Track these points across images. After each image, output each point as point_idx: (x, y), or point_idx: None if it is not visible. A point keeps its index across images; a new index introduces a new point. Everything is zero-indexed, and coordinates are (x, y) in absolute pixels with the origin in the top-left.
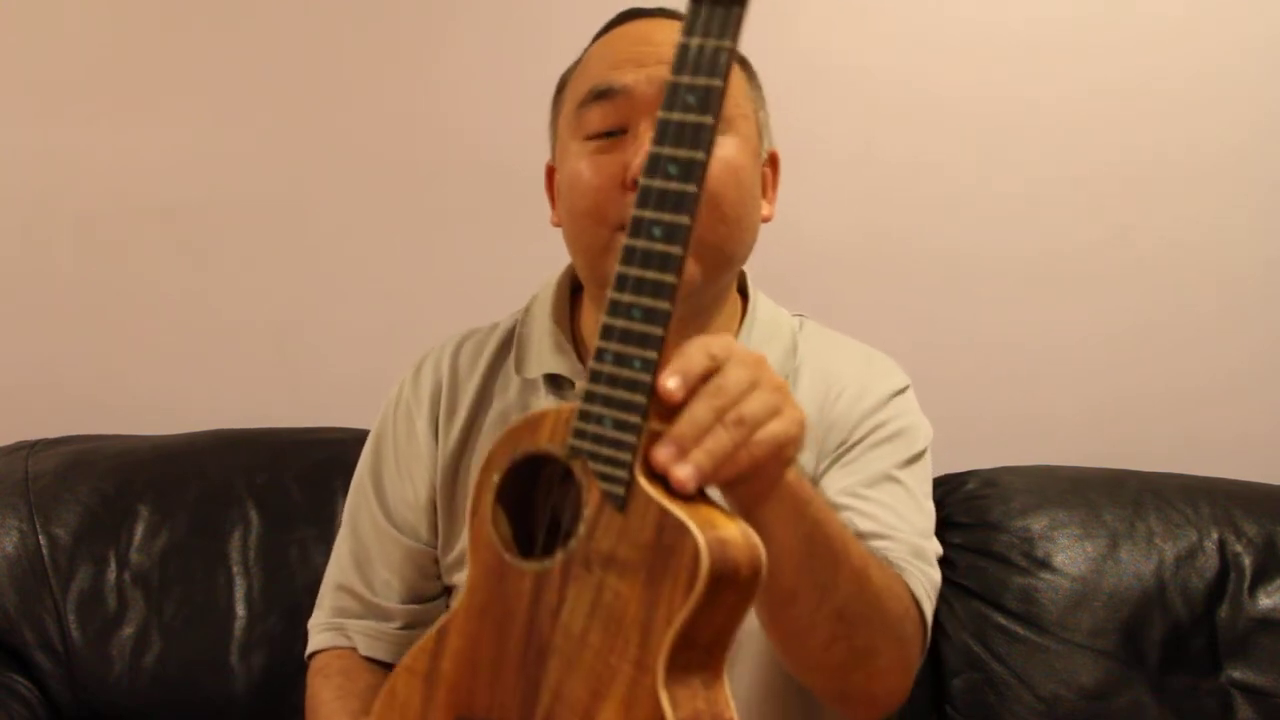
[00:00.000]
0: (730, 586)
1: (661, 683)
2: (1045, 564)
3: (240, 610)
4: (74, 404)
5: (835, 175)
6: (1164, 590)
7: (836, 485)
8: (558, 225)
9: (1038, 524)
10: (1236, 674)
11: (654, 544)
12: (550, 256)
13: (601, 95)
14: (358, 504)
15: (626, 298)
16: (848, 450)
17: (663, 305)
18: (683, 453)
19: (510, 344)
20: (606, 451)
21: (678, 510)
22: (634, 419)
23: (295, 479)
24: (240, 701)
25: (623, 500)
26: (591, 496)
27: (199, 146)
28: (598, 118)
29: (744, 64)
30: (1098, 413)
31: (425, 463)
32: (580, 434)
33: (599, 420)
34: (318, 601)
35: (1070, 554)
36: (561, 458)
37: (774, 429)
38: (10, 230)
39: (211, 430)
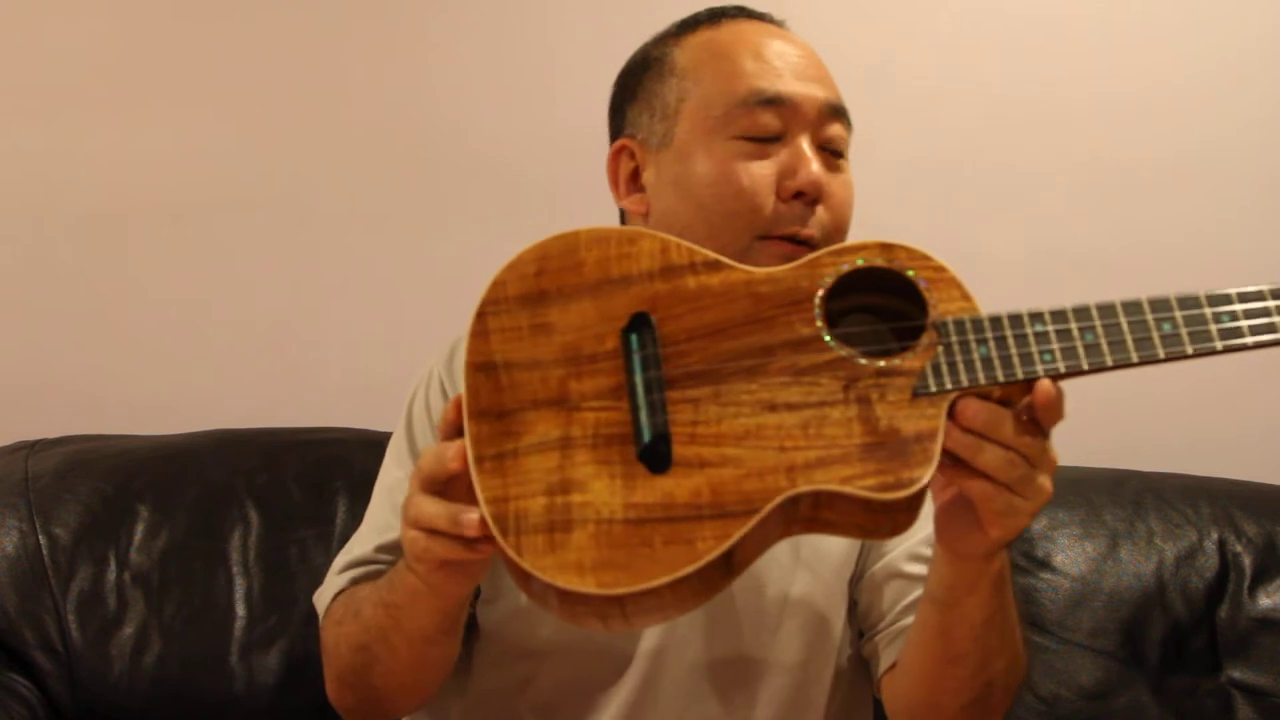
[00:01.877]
0: (882, 513)
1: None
2: (1045, 564)
3: (240, 610)
4: (74, 404)
5: None
6: (1164, 590)
7: (901, 550)
8: (638, 211)
9: (1038, 524)
10: (1236, 674)
11: (903, 436)
12: None
13: (770, 102)
14: (392, 483)
15: (1095, 323)
16: None
17: (1098, 362)
18: (985, 440)
19: None
20: (965, 359)
21: (937, 446)
22: (1009, 373)
23: (295, 479)
24: (240, 701)
25: (928, 392)
26: (912, 362)
27: (199, 146)
28: (762, 123)
29: None
30: (1098, 413)
31: None
32: (961, 328)
33: (982, 343)
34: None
35: (1070, 554)
36: (925, 319)
37: (1038, 503)
38: (10, 230)
39: (211, 430)
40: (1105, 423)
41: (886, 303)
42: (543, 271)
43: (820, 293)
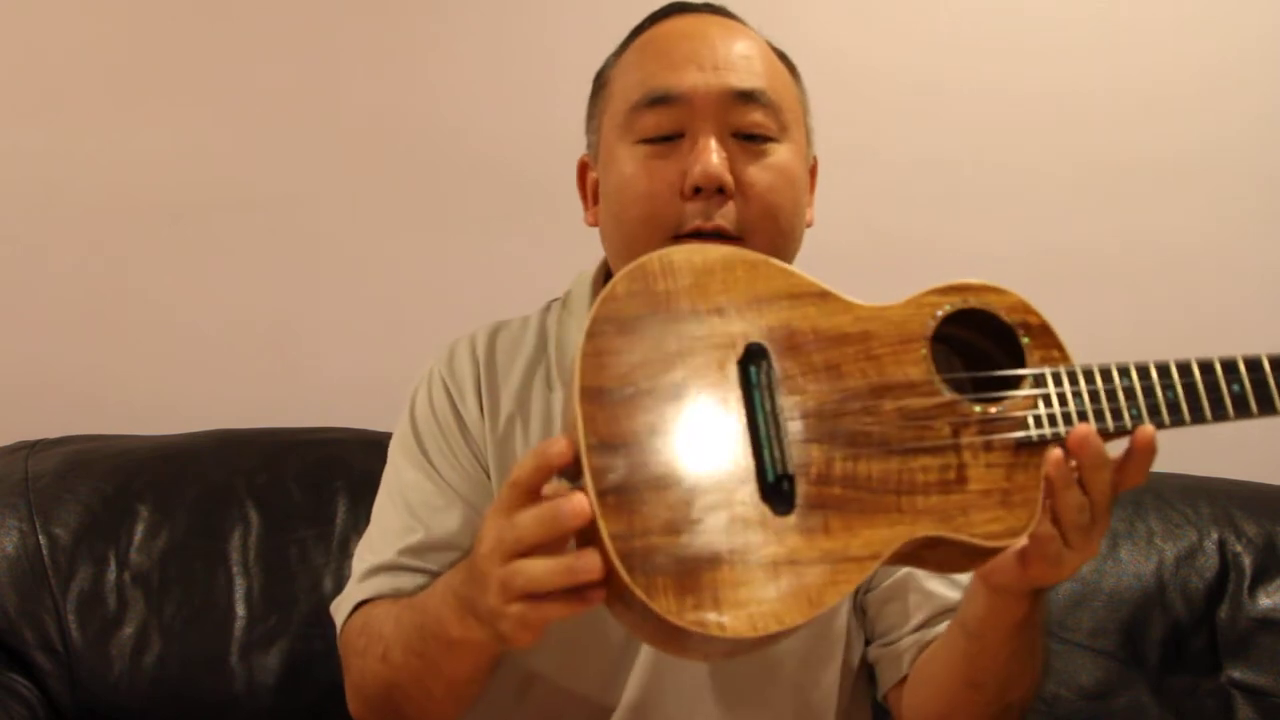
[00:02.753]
0: (979, 557)
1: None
2: None
3: (240, 610)
4: (74, 404)
5: (835, 174)
6: (1164, 590)
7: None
8: (594, 225)
9: None
10: (1236, 674)
11: (1009, 484)
12: (550, 257)
13: (658, 100)
14: (405, 483)
15: (1175, 382)
16: None
17: (1179, 419)
18: (1074, 481)
19: (545, 344)
20: (1063, 410)
21: (1039, 495)
22: (1102, 425)
23: (295, 479)
24: (240, 701)
25: (1030, 442)
26: (1013, 409)
27: (199, 146)
28: (654, 123)
29: (791, 68)
30: None
31: (475, 435)
32: (1058, 380)
33: (1077, 395)
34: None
35: None
36: (1021, 364)
37: (1083, 559)
38: (10, 230)
39: (211, 430)
40: None
41: (974, 339)
42: (653, 292)
43: (928, 335)
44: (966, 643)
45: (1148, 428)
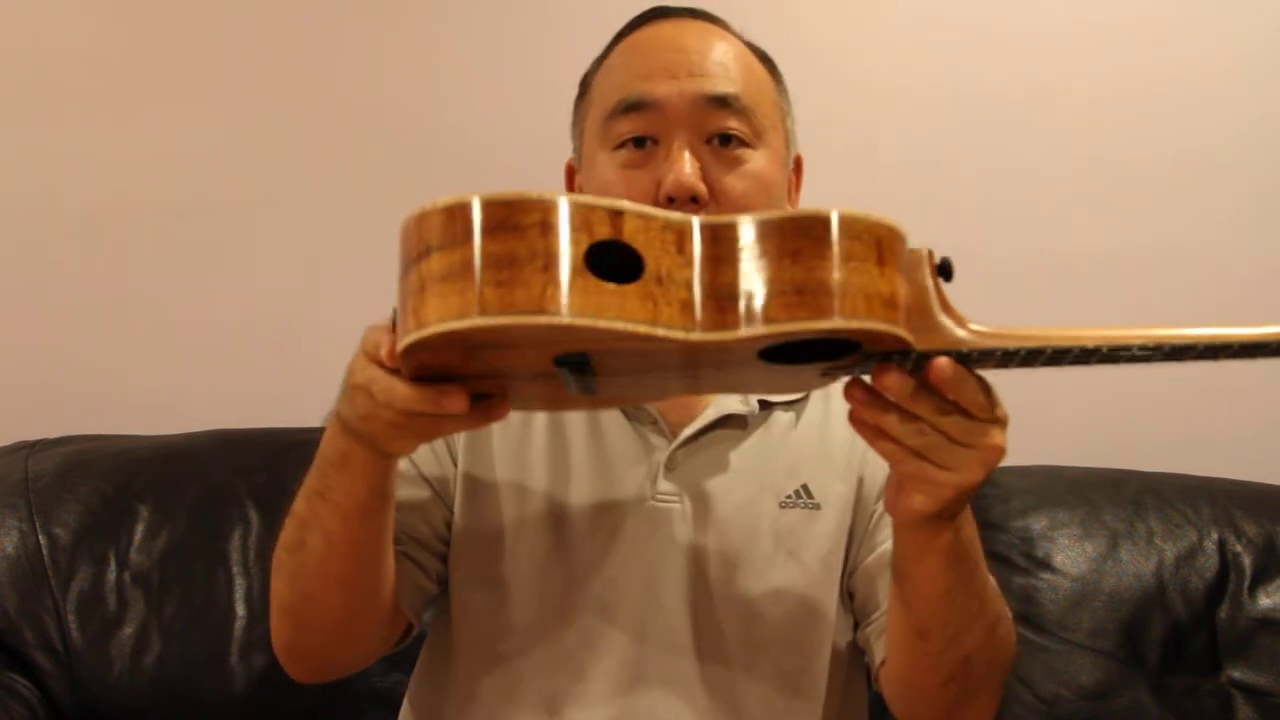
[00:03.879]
0: None
1: None
2: (1045, 564)
3: (240, 610)
4: (74, 404)
5: (834, 174)
6: (1164, 590)
7: None
8: None
9: (1038, 524)
10: (1236, 674)
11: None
12: None
13: (632, 108)
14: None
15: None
16: None
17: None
18: (890, 405)
19: None
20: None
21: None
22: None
23: (295, 479)
24: (240, 701)
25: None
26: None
27: (199, 146)
28: (628, 130)
29: (773, 69)
30: (1098, 413)
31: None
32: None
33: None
34: None
35: (1070, 554)
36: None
37: (965, 478)
38: (10, 230)
39: (211, 430)
40: (1105, 423)
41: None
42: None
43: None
44: (899, 586)
45: (940, 358)
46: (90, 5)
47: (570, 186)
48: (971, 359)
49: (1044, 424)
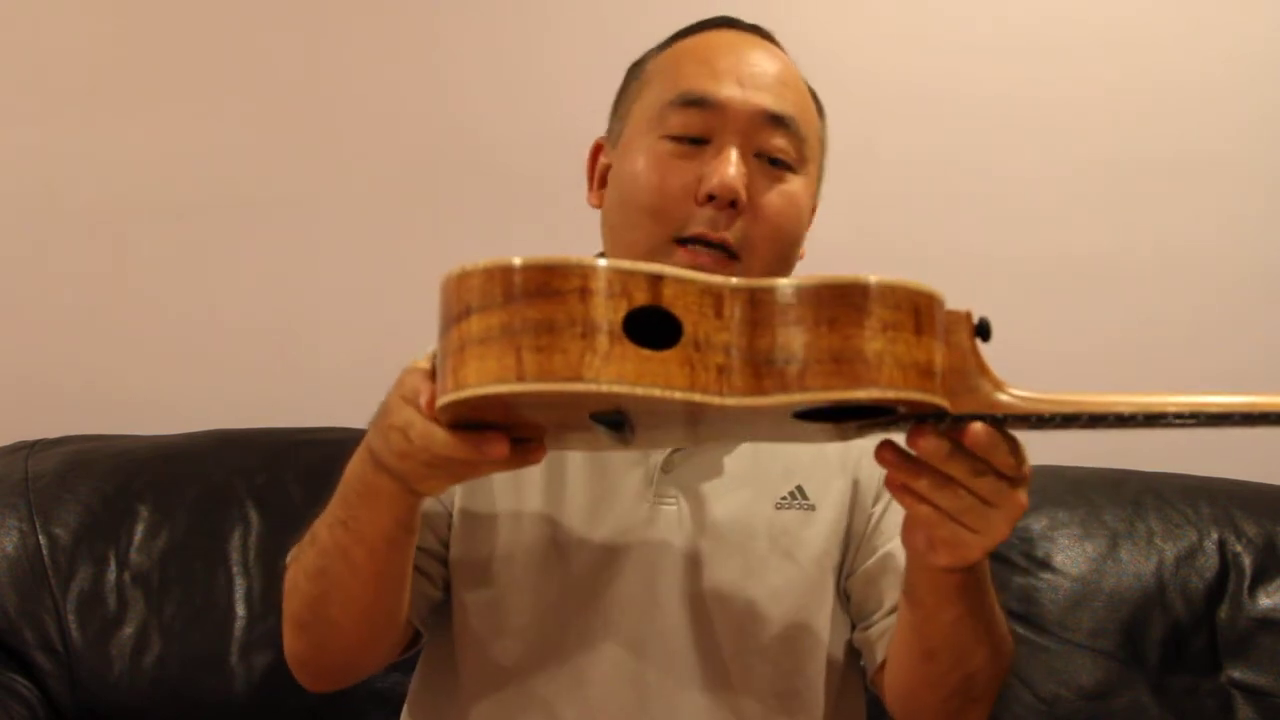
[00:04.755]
0: None
1: None
2: (1045, 564)
3: (240, 610)
4: (74, 404)
5: (834, 174)
6: (1164, 590)
7: (897, 544)
8: (597, 206)
9: (1038, 524)
10: (1236, 674)
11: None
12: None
13: (695, 103)
14: None
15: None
16: None
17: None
18: (926, 467)
19: None
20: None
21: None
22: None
23: (295, 479)
24: (240, 701)
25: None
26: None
27: (199, 146)
28: (684, 123)
29: (820, 107)
30: None
31: None
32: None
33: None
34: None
35: (1070, 554)
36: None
37: (990, 539)
38: (10, 230)
39: (211, 430)
40: None
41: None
42: None
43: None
44: (911, 612)
45: (975, 423)
46: (90, 5)
47: (593, 163)
48: (1005, 422)
49: None
